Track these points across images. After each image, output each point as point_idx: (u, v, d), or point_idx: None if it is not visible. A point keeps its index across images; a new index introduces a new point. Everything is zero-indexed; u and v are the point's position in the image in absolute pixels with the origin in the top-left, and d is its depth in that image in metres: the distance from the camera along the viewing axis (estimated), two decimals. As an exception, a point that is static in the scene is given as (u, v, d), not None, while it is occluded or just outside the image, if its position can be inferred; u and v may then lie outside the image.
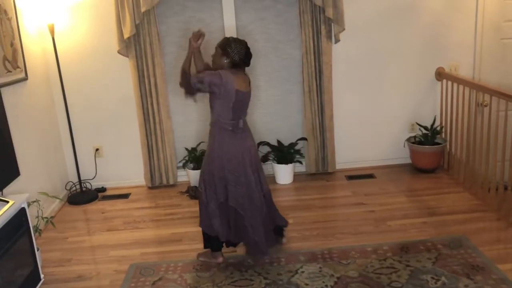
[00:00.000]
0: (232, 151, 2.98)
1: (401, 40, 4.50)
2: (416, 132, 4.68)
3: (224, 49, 2.97)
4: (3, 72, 3.40)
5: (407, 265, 3.00)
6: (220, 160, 2.98)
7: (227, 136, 2.98)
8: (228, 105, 2.93)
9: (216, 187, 3.00)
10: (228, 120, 2.96)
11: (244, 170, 3.00)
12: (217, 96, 2.92)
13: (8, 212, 2.73)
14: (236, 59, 2.96)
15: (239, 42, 3.00)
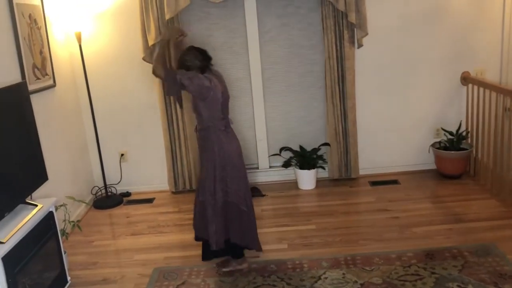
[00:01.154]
0: (233, 148, 3.07)
1: (425, 45, 4.44)
2: (441, 138, 4.61)
3: (183, 65, 3.06)
4: (32, 79, 3.50)
5: (432, 273, 2.95)
6: (223, 160, 3.00)
7: (223, 136, 3.04)
8: (217, 106, 3.01)
9: (216, 192, 3.01)
10: (219, 120, 3.03)
11: (243, 164, 3.13)
12: (205, 99, 2.95)
13: (37, 215, 2.80)
14: (198, 64, 3.03)
15: (187, 49, 3.09)
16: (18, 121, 2.93)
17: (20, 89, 3.00)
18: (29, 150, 3.02)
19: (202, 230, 3.13)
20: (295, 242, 3.50)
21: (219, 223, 3.03)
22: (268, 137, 4.71)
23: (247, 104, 4.62)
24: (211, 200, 3.02)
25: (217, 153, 3.00)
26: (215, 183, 3.01)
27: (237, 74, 4.55)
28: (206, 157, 3.05)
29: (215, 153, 3.00)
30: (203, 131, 3.04)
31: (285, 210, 4.10)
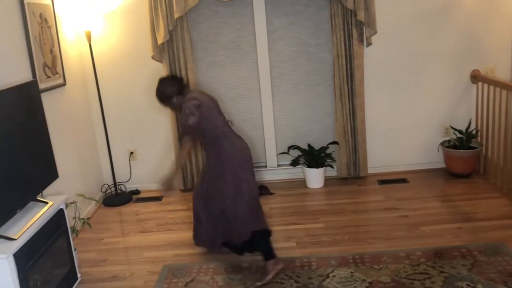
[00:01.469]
0: (243, 144, 3.15)
1: (434, 43, 4.42)
2: (450, 136, 4.59)
3: (163, 97, 3.12)
4: (43, 78, 3.53)
5: (441, 271, 2.94)
6: (239, 159, 3.07)
7: (233, 136, 3.15)
8: (215, 113, 3.11)
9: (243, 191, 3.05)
10: (222, 124, 3.12)
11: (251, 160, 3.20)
12: (205, 114, 3.03)
13: (48, 212, 2.84)
14: (175, 90, 3.10)
15: (159, 84, 3.15)
16: (29, 119, 2.96)
17: (31, 88, 3.04)
18: (40, 148, 3.06)
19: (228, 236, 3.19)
20: (303, 240, 3.51)
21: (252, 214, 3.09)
22: (276, 135, 4.71)
23: (255, 103, 4.63)
24: (239, 200, 3.03)
25: (232, 154, 3.05)
26: (240, 182, 3.03)
27: (245, 72, 4.56)
28: (223, 163, 3.05)
29: (232, 156, 3.05)
30: (213, 141, 3.07)
31: (294, 208, 4.11)
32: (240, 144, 3.15)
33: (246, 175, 3.07)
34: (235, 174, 3.04)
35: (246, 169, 3.09)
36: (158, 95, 3.14)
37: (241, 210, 3.05)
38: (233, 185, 3.04)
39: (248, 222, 3.06)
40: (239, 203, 3.04)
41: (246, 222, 3.06)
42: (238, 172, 3.05)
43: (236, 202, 3.04)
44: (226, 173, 3.05)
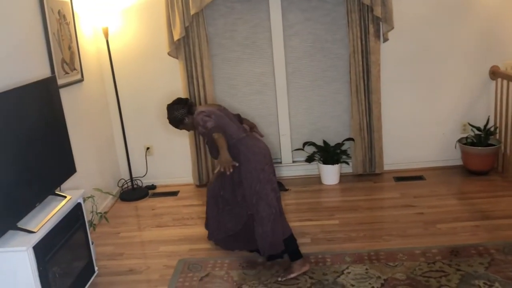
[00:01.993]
0: (261, 145, 3.13)
1: (452, 38, 4.36)
2: (468, 133, 4.53)
3: (176, 121, 3.23)
4: (61, 74, 3.58)
5: (457, 269, 2.92)
6: (260, 161, 3.03)
7: (249, 141, 3.11)
8: (225, 120, 3.12)
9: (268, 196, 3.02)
10: (237, 131, 3.12)
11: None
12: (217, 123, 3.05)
13: (66, 206, 2.88)
14: (184, 111, 3.20)
15: (168, 110, 3.26)
16: (48, 114, 3.01)
17: (49, 83, 3.08)
18: (58, 143, 3.11)
19: (252, 242, 3.16)
20: (318, 236, 3.51)
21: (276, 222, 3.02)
22: (292, 131, 4.71)
23: (271, 99, 4.63)
24: (264, 205, 2.99)
25: (252, 158, 3.02)
26: (264, 185, 3.01)
27: (261, 68, 4.56)
28: (243, 170, 3.02)
29: (251, 161, 3.02)
30: (232, 148, 3.04)
31: (308, 204, 4.10)
32: (258, 146, 3.10)
33: (269, 177, 3.04)
34: (256, 178, 3.00)
35: (267, 171, 3.04)
36: (171, 121, 3.26)
37: (267, 221, 2.99)
38: (255, 189, 3.00)
39: (277, 234, 3.01)
40: (263, 208, 2.99)
41: (275, 235, 3.00)
42: (259, 175, 3.01)
43: (259, 207, 2.99)
44: (246, 178, 3.02)
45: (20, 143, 2.65)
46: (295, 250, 3.05)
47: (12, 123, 2.59)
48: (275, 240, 3.00)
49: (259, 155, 3.05)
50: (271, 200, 3.00)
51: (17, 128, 2.64)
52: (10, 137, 2.56)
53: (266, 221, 2.99)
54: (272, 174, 3.09)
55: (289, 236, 3.05)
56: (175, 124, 3.26)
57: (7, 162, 2.51)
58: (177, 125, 3.26)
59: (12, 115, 2.60)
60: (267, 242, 3.00)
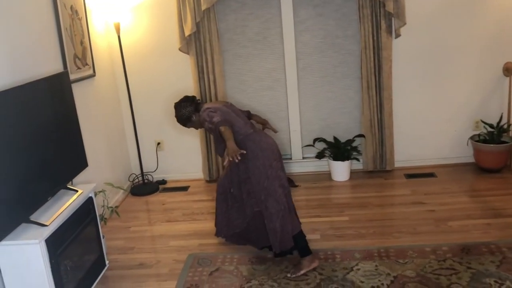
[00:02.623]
0: (269, 141, 3.11)
1: (465, 34, 4.31)
2: (480, 130, 4.48)
3: (183, 119, 3.26)
4: (73, 69, 3.61)
5: (468, 267, 2.89)
6: (268, 157, 3.02)
7: (257, 136, 3.10)
8: (232, 116, 3.11)
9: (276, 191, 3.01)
10: (244, 126, 3.11)
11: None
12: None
13: (77, 200, 2.91)
14: (191, 109, 3.22)
15: (175, 108, 3.29)
16: (60, 109, 3.04)
17: (62, 78, 3.11)
18: (70, 137, 3.14)
19: (264, 239, 3.16)
20: (327, 233, 3.50)
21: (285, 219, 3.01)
22: (302, 127, 4.70)
23: (281, 95, 4.62)
24: (272, 201, 2.99)
25: (260, 154, 3.01)
26: (272, 181, 3.00)
27: (272, 64, 4.55)
28: (251, 167, 3.02)
29: (259, 157, 3.01)
30: (240, 145, 3.02)
31: (318, 201, 4.10)
32: (266, 142, 3.08)
33: (277, 173, 3.02)
34: (264, 175, 2.99)
35: (275, 167, 3.03)
36: (178, 120, 3.28)
37: (276, 218, 2.98)
38: (263, 186, 2.99)
39: (287, 231, 3.00)
40: (271, 204, 2.98)
41: (284, 232, 3.00)
42: (267, 171, 3.00)
43: (268, 203, 2.99)
44: (254, 174, 3.02)
45: (33, 137, 2.68)
46: (304, 246, 3.04)
47: (25, 118, 2.62)
48: (284, 237, 3.00)
49: (267, 151, 3.04)
50: (279, 196, 3.00)
51: (30, 122, 2.67)
52: (23, 131, 2.59)
53: (275, 217, 2.99)
54: (280, 170, 3.07)
55: (298, 233, 3.05)
56: (183, 122, 3.28)
57: (20, 156, 2.54)
58: (185, 123, 3.28)
59: (25, 109, 2.63)
60: (277, 239, 3.01)
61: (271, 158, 3.03)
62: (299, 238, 3.04)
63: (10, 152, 2.46)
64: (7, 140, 2.44)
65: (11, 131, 2.48)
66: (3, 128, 2.42)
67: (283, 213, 2.99)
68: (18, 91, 2.59)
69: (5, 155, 2.42)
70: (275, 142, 3.16)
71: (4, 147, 2.42)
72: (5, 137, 2.43)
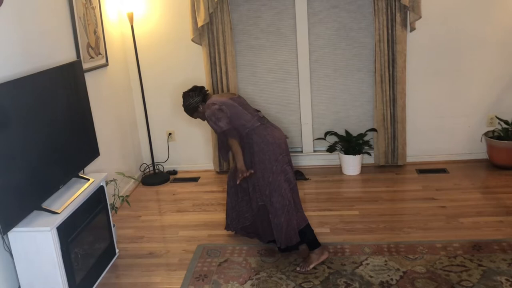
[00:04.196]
0: (276, 135, 3.05)
1: (482, 28, 4.24)
2: (495, 126, 4.42)
3: (190, 109, 3.22)
4: (87, 58, 3.62)
5: (479, 265, 2.87)
6: (274, 151, 2.98)
7: (263, 130, 3.04)
8: (239, 109, 3.07)
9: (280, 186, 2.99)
10: (251, 120, 3.06)
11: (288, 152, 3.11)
12: (228, 114, 3.04)
13: (89, 189, 2.94)
14: (199, 99, 3.19)
15: (184, 97, 3.26)
16: (73, 98, 3.06)
17: (75, 67, 3.12)
18: (82, 126, 3.16)
19: (269, 234, 3.16)
20: (337, 226, 3.49)
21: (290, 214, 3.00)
22: (313, 120, 4.67)
23: (293, 87, 4.60)
24: (277, 196, 2.98)
25: (266, 147, 2.98)
26: (277, 176, 2.98)
27: (284, 56, 4.52)
28: (256, 161, 3.00)
29: (264, 151, 2.98)
30: (246, 138, 3.03)
31: (328, 194, 4.09)
32: (273, 135, 3.03)
33: (283, 167, 2.99)
34: (269, 169, 2.97)
35: (282, 161, 3.00)
36: (185, 109, 3.25)
37: (281, 213, 2.97)
38: (268, 180, 2.98)
39: (292, 226, 2.99)
40: (276, 199, 2.97)
41: (290, 227, 2.99)
42: (273, 166, 2.97)
43: (273, 198, 2.98)
44: (259, 168, 3.00)
45: (46, 125, 2.70)
46: (313, 240, 3.03)
47: (38, 106, 2.64)
48: (289, 232, 2.99)
49: (273, 145, 2.99)
50: (284, 191, 2.98)
51: (43, 110, 2.69)
52: (37, 119, 2.61)
53: (280, 212, 2.97)
54: (286, 164, 3.02)
55: (305, 226, 3.04)
56: (189, 112, 3.25)
57: (33, 144, 2.57)
58: (191, 113, 3.25)
59: (38, 98, 2.65)
60: (282, 234, 3.00)
61: (277, 152, 2.99)
62: (307, 232, 3.04)
63: (24, 139, 2.48)
64: (20, 128, 2.46)
65: (24, 119, 2.50)
66: (17, 116, 2.44)
67: (288, 208, 2.98)
68: (32, 79, 2.61)
69: (19, 143, 2.44)
70: (283, 135, 3.11)
71: (18, 135, 2.44)
72: (19, 124, 2.45)
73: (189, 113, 3.27)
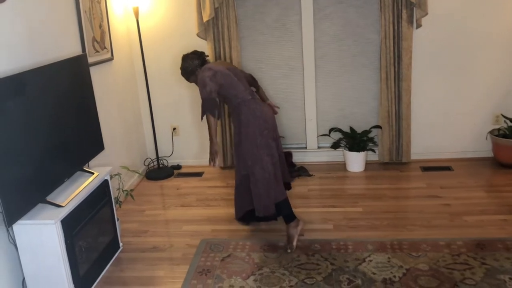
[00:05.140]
0: (265, 110, 3.20)
1: (488, 26, 4.21)
2: (500, 124, 4.40)
3: (187, 71, 3.28)
4: (92, 52, 3.63)
5: (482, 263, 2.86)
6: (259, 125, 3.12)
7: (253, 103, 3.17)
8: (234, 80, 3.18)
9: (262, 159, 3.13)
10: (244, 92, 3.18)
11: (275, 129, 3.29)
12: (222, 82, 3.12)
13: (93, 183, 2.95)
14: (197, 63, 3.25)
15: (183, 60, 3.31)
16: (78, 92, 3.06)
17: (80, 61, 3.13)
18: (87, 120, 3.17)
19: (248, 203, 3.30)
20: (340, 223, 3.49)
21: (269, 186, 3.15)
22: (318, 117, 4.66)
23: (298, 83, 4.59)
24: (258, 168, 3.12)
25: (253, 121, 3.12)
26: (260, 149, 3.11)
27: (289, 52, 4.51)
28: (243, 129, 3.14)
29: (250, 124, 3.12)
30: (236, 109, 3.17)
31: (332, 191, 4.08)
32: (261, 110, 3.18)
33: (267, 142, 3.13)
34: (254, 142, 3.11)
35: (266, 136, 3.13)
36: (183, 72, 3.31)
37: (261, 185, 3.13)
38: (252, 152, 3.12)
39: (270, 197, 3.15)
40: (258, 171, 3.12)
41: (268, 198, 3.15)
42: (257, 139, 3.11)
43: (255, 169, 3.12)
44: (244, 140, 3.14)
45: (51, 118, 2.71)
46: (289, 214, 3.19)
47: (43, 99, 2.65)
48: (267, 203, 3.15)
49: (260, 119, 3.13)
50: (265, 164, 3.12)
51: (49, 104, 2.70)
52: (42, 113, 2.62)
53: (260, 184, 3.13)
54: (271, 139, 3.17)
55: (283, 200, 3.18)
56: (186, 75, 3.30)
57: (38, 137, 2.58)
58: (188, 76, 3.31)
59: (43, 91, 2.65)
60: (261, 204, 3.16)
61: (262, 127, 3.13)
62: (283, 206, 3.19)
63: (29, 132, 2.49)
64: (26, 121, 2.47)
65: (30, 112, 2.51)
66: (22, 109, 2.45)
67: (268, 180, 3.13)
68: (37, 73, 2.62)
69: (24, 136, 2.45)
70: (271, 113, 3.26)
71: (23, 128, 2.45)
72: (24, 118, 2.46)
73: (186, 76, 3.32)
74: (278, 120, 4.58)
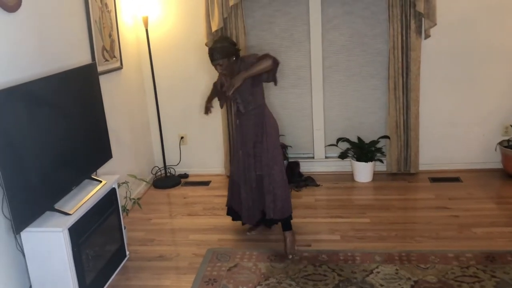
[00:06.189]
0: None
1: (497, 36, 4.20)
2: (510, 136, 4.37)
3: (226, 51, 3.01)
4: (101, 61, 3.66)
5: (492, 276, 2.82)
6: (277, 129, 3.29)
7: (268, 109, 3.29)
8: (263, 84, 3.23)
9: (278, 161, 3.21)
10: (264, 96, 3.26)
11: None
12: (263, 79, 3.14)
13: (101, 191, 2.95)
14: (234, 51, 3.10)
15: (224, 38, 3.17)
16: (87, 100, 3.09)
17: (90, 70, 3.16)
18: (96, 128, 3.18)
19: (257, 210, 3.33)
20: (348, 234, 3.46)
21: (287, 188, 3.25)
22: (326, 127, 4.66)
23: (306, 93, 4.59)
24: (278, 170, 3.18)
25: (274, 125, 3.24)
26: (279, 152, 3.23)
27: (297, 62, 4.52)
28: (268, 133, 3.16)
29: (273, 126, 3.22)
30: (260, 108, 3.20)
31: (340, 201, 4.06)
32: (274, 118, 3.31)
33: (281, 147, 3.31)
34: (275, 143, 3.20)
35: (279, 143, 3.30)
36: (220, 49, 2.99)
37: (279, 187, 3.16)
38: (273, 153, 3.16)
39: (289, 200, 3.22)
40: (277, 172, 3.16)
41: (288, 201, 3.22)
42: (277, 142, 3.22)
43: (274, 170, 3.15)
44: (268, 138, 3.16)
45: (60, 127, 2.73)
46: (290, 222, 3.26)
47: (53, 107, 2.67)
48: (285, 204, 3.19)
49: (276, 124, 3.28)
50: (283, 167, 3.22)
51: (58, 112, 2.72)
52: (51, 121, 2.64)
53: (279, 185, 3.16)
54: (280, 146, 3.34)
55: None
56: (223, 54, 2.98)
57: (47, 145, 2.59)
58: (223, 56, 2.98)
59: (53, 99, 2.68)
60: (278, 205, 3.17)
61: (278, 132, 3.29)
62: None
63: (37, 140, 2.51)
64: (34, 129, 2.49)
65: (38, 120, 2.53)
66: (31, 117, 2.47)
67: (286, 182, 3.21)
68: (47, 81, 2.64)
69: (32, 144, 2.47)
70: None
71: (32, 136, 2.47)
72: (33, 125, 2.48)
73: (220, 55, 2.99)
74: (286, 129, 4.60)
